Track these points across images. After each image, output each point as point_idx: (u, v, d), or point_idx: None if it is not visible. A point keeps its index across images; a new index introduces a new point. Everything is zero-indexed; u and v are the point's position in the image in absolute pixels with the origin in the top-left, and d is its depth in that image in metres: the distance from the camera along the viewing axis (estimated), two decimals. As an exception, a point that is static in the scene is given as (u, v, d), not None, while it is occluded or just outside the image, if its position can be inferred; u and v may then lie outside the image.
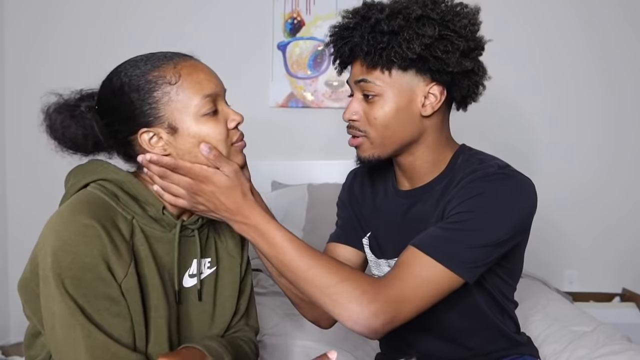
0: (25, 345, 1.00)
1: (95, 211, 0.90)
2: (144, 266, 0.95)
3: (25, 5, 2.56)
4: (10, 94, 2.58)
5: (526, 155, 2.59)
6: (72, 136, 0.97)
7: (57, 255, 0.86)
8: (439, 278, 0.95)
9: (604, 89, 2.59)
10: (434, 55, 1.00)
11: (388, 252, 1.15)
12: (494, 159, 1.07)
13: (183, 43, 2.54)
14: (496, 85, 2.80)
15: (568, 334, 1.60)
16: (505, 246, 1.01)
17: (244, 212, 0.96)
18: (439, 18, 1.00)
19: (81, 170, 0.99)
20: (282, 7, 2.59)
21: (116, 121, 0.95)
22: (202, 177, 0.94)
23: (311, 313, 1.17)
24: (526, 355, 1.17)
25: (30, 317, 0.96)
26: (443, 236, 0.98)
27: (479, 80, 1.07)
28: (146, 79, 0.93)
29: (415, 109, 1.04)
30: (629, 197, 2.61)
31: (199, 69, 0.96)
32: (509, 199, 0.99)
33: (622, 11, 2.57)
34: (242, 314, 1.13)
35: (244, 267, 1.13)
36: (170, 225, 0.99)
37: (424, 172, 1.10)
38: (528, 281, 2.23)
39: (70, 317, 0.86)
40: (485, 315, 1.11)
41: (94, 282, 0.88)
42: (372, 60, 1.02)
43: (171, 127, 0.92)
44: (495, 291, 1.10)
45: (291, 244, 0.96)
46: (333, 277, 0.94)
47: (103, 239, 0.88)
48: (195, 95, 0.92)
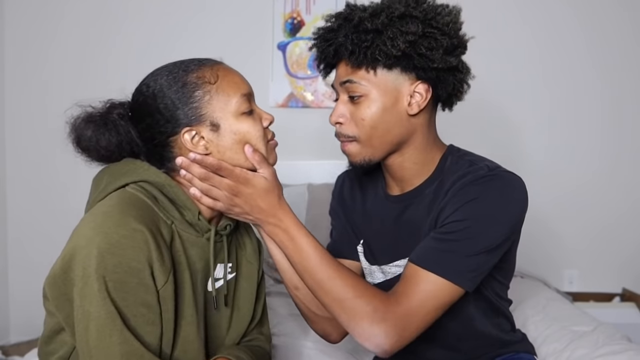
0: (43, 340, 0.98)
1: (143, 215, 0.89)
2: (180, 272, 0.95)
3: (25, 5, 2.56)
4: (10, 94, 2.58)
5: (526, 155, 2.59)
6: (105, 144, 0.97)
7: (103, 257, 0.85)
8: (442, 291, 0.97)
9: (604, 90, 2.59)
10: (419, 52, 0.99)
11: (381, 259, 1.15)
12: (483, 160, 1.07)
13: (183, 43, 2.57)
14: (497, 86, 2.82)
15: (568, 334, 1.60)
16: (502, 248, 1.01)
17: (278, 214, 0.99)
18: (421, 16, 1.00)
19: (118, 170, 0.98)
20: (282, 7, 2.59)
21: (155, 124, 0.96)
22: (243, 179, 0.96)
23: (322, 327, 1.17)
24: (521, 352, 1.17)
25: (52, 314, 0.94)
26: (440, 248, 0.98)
27: (464, 78, 1.07)
28: (186, 80, 0.95)
29: (402, 108, 1.03)
30: (628, 197, 2.61)
31: (233, 71, 1.01)
32: (501, 202, 0.99)
33: (622, 11, 2.57)
34: (257, 321, 1.14)
35: (260, 273, 1.15)
36: (203, 230, 1.00)
37: (413, 174, 1.09)
38: (528, 281, 2.23)
39: (109, 322, 0.85)
40: (480, 319, 1.12)
41: (137, 287, 0.87)
42: (356, 60, 1.01)
43: (213, 124, 0.95)
44: (491, 294, 1.10)
45: (317, 252, 0.99)
46: (349, 291, 0.96)
47: (150, 244, 0.88)
48: (235, 94, 0.97)
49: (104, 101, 1.00)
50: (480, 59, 2.76)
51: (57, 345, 0.96)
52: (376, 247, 1.16)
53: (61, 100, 2.89)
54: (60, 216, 2.57)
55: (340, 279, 0.97)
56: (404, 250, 1.08)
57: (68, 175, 2.56)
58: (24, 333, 2.50)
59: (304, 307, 1.14)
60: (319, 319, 1.14)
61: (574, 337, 1.57)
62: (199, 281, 1.00)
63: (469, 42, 1.08)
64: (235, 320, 1.08)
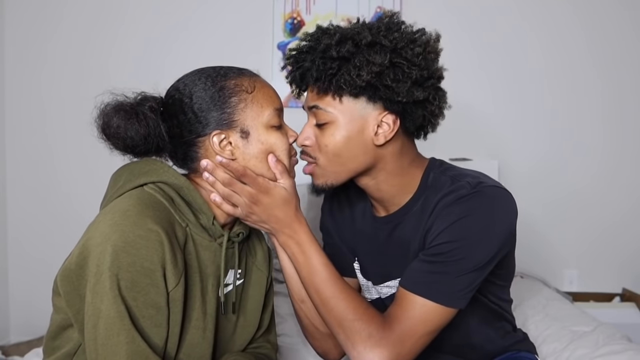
0: (50, 335, 0.98)
1: (159, 216, 0.90)
2: (190, 275, 0.96)
3: (25, 5, 2.56)
4: (10, 94, 2.58)
5: (527, 155, 2.59)
6: (132, 134, 0.96)
7: (117, 255, 0.85)
8: (433, 315, 0.97)
9: (604, 90, 2.58)
10: (384, 83, 0.96)
11: (374, 278, 1.15)
12: (465, 176, 1.03)
13: (183, 43, 2.57)
14: (497, 86, 2.82)
15: (568, 334, 1.60)
16: (492, 264, 1.01)
17: (293, 226, 1.01)
18: (390, 45, 0.97)
19: (138, 169, 0.98)
20: (282, 7, 2.59)
21: (186, 122, 0.97)
22: (264, 188, 0.97)
23: (322, 344, 1.16)
24: (522, 351, 1.17)
25: (60, 309, 0.94)
26: (429, 270, 0.98)
27: (435, 110, 1.02)
28: (224, 84, 0.97)
29: (368, 137, 1.01)
30: (629, 197, 2.61)
31: (268, 85, 1.02)
32: (487, 219, 0.98)
33: (623, 12, 2.57)
34: (264, 329, 1.14)
35: (269, 281, 1.15)
36: (216, 235, 1.00)
37: (394, 195, 1.07)
38: (528, 281, 2.23)
39: (118, 320, 0.85)
40: (482, 328, 1.12)
41: (148, 287, 0.88)
42: (322, 87, 0.99)
43: (243, 131, 0.97)
44: (491, 299, 1.10)
45: (325, 269, 1.00)
46: (350, 312, 0.98)
47: (165, 246, 0.88)
48: (268, 107, 0.98)
49: (137, 93, 1.00)
50: (480, 59, 2.77)
51: (63, 341, 0.96)
52: (369, 266, 1.16)
53: (61, 100, 2.89)
54: (60, 216, 2.57)
55: (344, 300, 0.99)
56: (395, 271, 1.08)
57: (68, 175, 2.56)
58: (24, 333, 2.50)
59: (307, 321, 1.14)
60: (320, 335, 1.14)
61: (574, 337, 1.57)
62: (210, 285, 1.00)
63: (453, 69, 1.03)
64: (241, 326, 1.08)
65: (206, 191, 1.00)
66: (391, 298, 1.10)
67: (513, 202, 1.02)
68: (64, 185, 2.56)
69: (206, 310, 0.99)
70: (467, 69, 2.53)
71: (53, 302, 0.96)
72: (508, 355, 1.15)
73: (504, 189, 1.02)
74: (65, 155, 2.54)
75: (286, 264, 1.08)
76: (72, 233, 2.53)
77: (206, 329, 0.99)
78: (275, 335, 1.18)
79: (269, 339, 1.16)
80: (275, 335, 1.18)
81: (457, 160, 2.44)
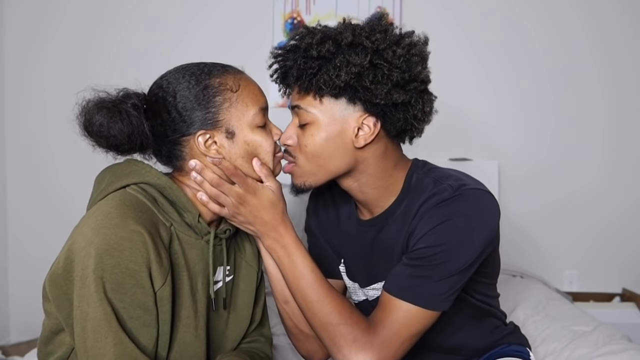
0: (42, 340, 0.98)
1: (142, 217, 0.90)
2: (177, 274, 0.95)
3: (25, 5, 2.56)
4: (10, 93, 2.58)
5: (527, 155, 2.59)
6: (116, 133, 0.94)
7: (101, 258, 0.85)
8: (416, 318, 0.97)
9: (605, 90, 2.58)
10: (363, 85, 0.95)
11: (361, 280, 1.15)
12: (448, 178, 1.02)
13: (183, 43, 2.57)
14: (497, 86, 2.82)
15: (568, 334, 1.60)
16: (475, 266, 1.00)
17: (279, 229, 1.00)
18: (372, 46, 0.95)
19: (120, 170, 0.98)
20: (282, 7, 2.59)
21: (170, 121, 0.96)
22: (252, 189, 0.97)
23: (306, 346, 1.15)
24: (513, 344, 1.17)
25: (51, 314, 0.94)
26: (412, 274, 0.98)
27: (418, 114, 0.99)
28: (208, 83, 0.96)
29: (348, 139, 0.99)
30: (629, 197, 2.61)
31: (253, 83, 1.01)
32: (469, 222, 0.97)
33: (624, 12, 2.57)
34: (257, 323, 1.14)
35: (260, 275, 1.14)
36: (202, 233, 1.00)
37: (378, 198, 1.06)
38: (528, 281, 2.24)
39: (105, 323, 0.85)
40: (470, 322, 1.12)
41: (134, 288, 0.87)
42: (303, 86, 0.99)
43: (229, 131, 0.96)
44: (477, 296, 1.10)
45: (311, 274, 1.00)
46: (335, 317, 0.98)
47: (148, 246, 0.88)
48: (253, 106, 0.98)
49: (119, 89, 0.98)
50: (480, 59, 2.77)
51: (55, 346, 0.96)
52: (354, 268, 1.15)
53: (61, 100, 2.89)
54: (60, 216, 2.57)
55: (329, 304, 0.99)
56: (381, 274, 1.08)
57: (68, 175, 2.56)
58: (24, 333, 2.50)
59: (290, 322, 1.13)
60: (304, 336, 1.13)
61: (574, 336, 1.57)
62: (199, 284, 1.00)
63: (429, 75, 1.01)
64: (233, 322, 1.08)
65: (191, 189, 0.99)
66: (377, 300, 1.09)
67: (495, 203, 1.01)
68: (64, 185, 2.55)
69: (197, 308, 0.99)
70: (467, 69, 2.53)
71: (44, 307, 0.96)
72: (498, 349, 1.15)
73: (486, 191, 1.01)
74: (65, 155, 2.53)
75: (270, 266, 1.07)
76: (72, 233, 2.53)
77: (198, 327, 0.99)
78: (269, 329, 1.18)
79: (262, 333, 1.16)
80: (269, 329, 1.18)
81: (457, 160, 2.44)
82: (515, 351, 1.16)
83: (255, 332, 1.14)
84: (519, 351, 1.16)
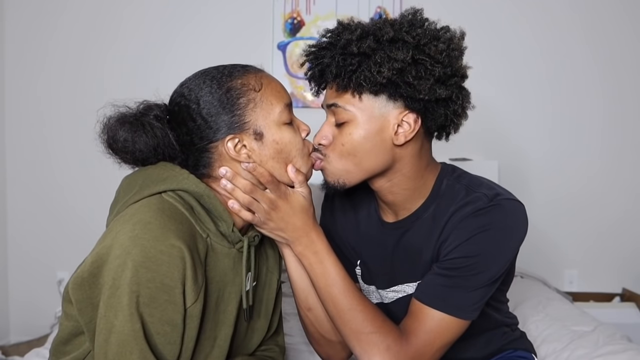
0: (60, 341, 0.94)
1: (182, 230, 0.86)
2: (208, 287, 0.93)
3: (25, 5, 2.56)
4: (10, 93, 2.58)
5: (527, 155, 2.59)
6: (141, 147, 0.92)
7: (137, 271, 0.81)
8: (449, 328, 0.97)
9: (605, 90, 2.59)
10: (406, 80, 0.93)
11: (379, 282, 1.13)
12: (480, 186, 1.01)
13: (183, 43, 2.57)
14: (497, 86, 2.81)
15: (568, 334, 1.60)
16: (503, 275, 1.01)
17: (311, 235, 0.99)
18: (413, 41, 0.93)
19: (156, 174, 0.93)
20: (282, 7, 2.59)
21: (196, 129, 0.93)
22: (284, 195, 0.95)
23: (326, 350, 1.13)
24: (519, 349, 1.17)
25: (71, 316, 0.91)
26: (446, 284, 0.97)
27: (459, 109, 0.99)
28: (230, 85, 0.93)
29: (387, 137, 0.97)
30: (629, 197, 2.61)
31: (275, 80, 0.98)
32: (504, 234, 0.97)
33: (624, 12, 2.57)
34: (274, 330, 1.13)
35: (279, 282, 1.12)
36: (234, 241, 0.97)
37: (406, 199, 1.04)
38: (528, 281, 2.23)
39: (132, 339, 0.82)
40: (480, 328, 1.11)
41: (165, 304, 0.84)
42: (341, 83, 0.96)
43: (257, 133, 0.93)
44: (490, 302, 1.09)
45: (343, 281, 0.99)
46: (367, 325, 0.97)
47: (186, 262, 0.85)
48: (278, 104, 0.95)
49: (139, 102, 0.96)
50: (480, 59, 2.76)
51: (74, 347, 0.93)
52: (374, 270, 1.13)
53: (61, 101, 2.89)
54: (60, 216, 2.57)
55: (361, 312, 0.98)
56: (402, 276, 1.07)
57: (68, 175, 2.56)
58: (24, 333, 2.50)
59: (313, 329, 1.11)
60: (325, 341, 1.12)
61: (574, 336, 1.57)
62: (227, 293, 0.97)
63: (469, 70, 1.00)
64: (254, 330, 1.06)
65: (222, 197, 0.96)
66: (396, 303, 1.09)
67: (526, 214, 1.01)
68: (64, 186, 2.55)
69: (219, 319, 0.96)
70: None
71: (63, 308, 0.92)
72: (504, 355, 1.15)
73: (519, 202, 1.01)
74: (65, 156, 2.54)
75: (294, 272, 1.05)
76: (71, 234, 2.53)
77: (217, 338, 0.96)
78: (283, 338, 1.16)
79: (277, 341, 1.14)
80: (283, 338, 1.16)
81: (457, 160, 2.44)
82: (521, 357, 1.16)
83: (271, 341, 1.13)
84: (524, 357, 1.16)
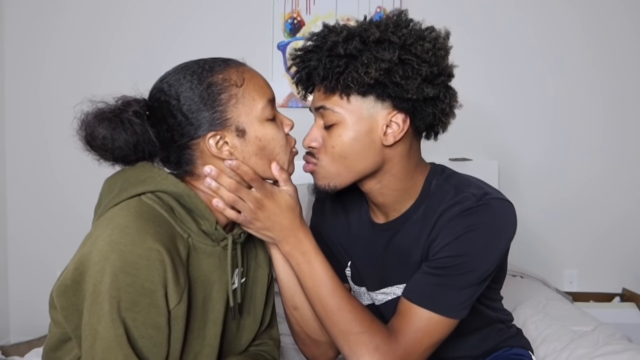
0: (50, 347, 0.93)
1: (160, 232, 0.85)
2: (192, 288, 0.92)
3: (25, 5, 2.56)
4: (10, 94, 2.58)
5: (527, 156, 2.59)
6: (121, 145, 0.90)
7: (116, 276, 0.80)
8: (437, 327, 0.97)
9: (605, 90, 2.58)
10: (393, 80, 0.93)
11: (369, 284, 1.13)
12: (469, 186, 1.01)
13: (183, 42, 2.57)
14: (497, 86, 2.81)
15: (568, 334, 1.60)
16: (493, 274, 1.01)
17: (299, 235, 0.98)
18: (399, 41, 0.94)
19: (135, 176, 0.92)
20: (282, 7, 2.59)
21: (177, 126, 0.91)
22: (269, 193, 0.95)
23: (311, 350, 1.13)
24: (515, 347, 1.17)
25: (59, 323, 0.90)
26: (434, 283, 0.97)
27: (446, 108, 0.99)
28: (211, 81, 0.91)
29: (376, 137, 0.98)
30: (629, 197, 2.61)
31: (257, 74, 0.97)
32: (492, 233, 0.97)
33: (624, 12, 2.57)
34: (267, 325, 1.12)
35: (270, 276, 1.11)
36: (218, 239, 0.96)
37: (395, 201, 1.04)
38: (528, 281, 2.23)
39: (115, 344, 0.81)
40: (474, 326, 1.11)
41: (148, 307, 0.83)
42: (329, 85, 0.96)
43: (239, 129, 0.92)
44: (483, 300, 1.10)
45: (331, 281, 0.98)
46: (355, 325, 0.97)
47: (166, 264, 0.84)
48: (261, 99, 0.93)
49: (117, 97, 0.93)
50: (481, 58, 2.76)
51: (64, 353, 0.93)
52: (364, 272, 1.13)
53: (61, 100, 2.89)
54: (60, 216, 2.57)
55: (350, 312, 0.97)
56: (392, 278, 1.07)
57: (67, 175, 2.56)
58: (23, 333, 2.50)
59: (299, 328, 1.11)
60: (311, 341, 1.11)
61: (574, 336, 1.57)
62: (214, 292, 0.96)
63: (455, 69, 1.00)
64: (246, 325, 1.06)
65: (205, 194, 0.94)
66: (386, 305, 1.09)
67: (515, 213, 1.01)
68: (64, 186, 2.56)
69: (208, 318, 0.95)
70: (467, 68, 2.50)
71: (51, 315, 0.92)
72: (500, 352, 1.15)
73: (508, 201, 1.01)
74: (65, 157, 2.52)
75: (281, 272, 1.05)
76: (71, 234, 2.53)
77: (207, 337, 0.96)
78: (277, 331, 1.15)
79: (271, 335, 1.13)
80: (277, 331, 1.15)
81: (457, 160, 2.44)
82: (518, 354, 1.15)
83: (265, 335, 1.12)
84: (521, 354, 1.16)
